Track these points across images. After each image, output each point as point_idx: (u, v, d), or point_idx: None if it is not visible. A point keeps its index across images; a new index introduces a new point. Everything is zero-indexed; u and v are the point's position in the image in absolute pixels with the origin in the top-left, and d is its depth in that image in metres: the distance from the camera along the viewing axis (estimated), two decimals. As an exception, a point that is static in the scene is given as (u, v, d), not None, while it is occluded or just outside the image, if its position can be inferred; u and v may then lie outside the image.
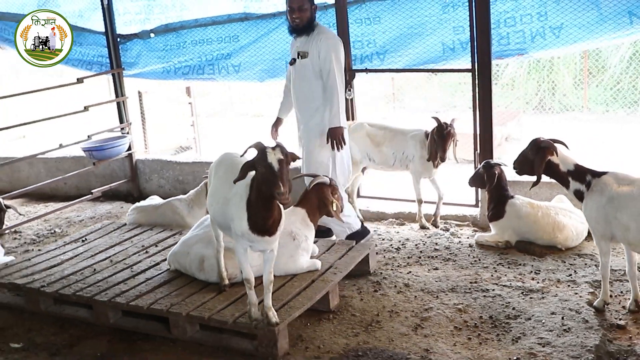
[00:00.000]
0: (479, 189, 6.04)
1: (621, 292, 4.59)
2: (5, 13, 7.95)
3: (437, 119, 5.87)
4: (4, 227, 6.22)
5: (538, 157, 4.42)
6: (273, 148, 3.68)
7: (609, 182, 4.24)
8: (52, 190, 8.01)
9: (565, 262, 5.16)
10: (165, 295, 4.44)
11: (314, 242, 5.04)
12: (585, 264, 5.10)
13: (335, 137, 5.38)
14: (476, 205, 6.12)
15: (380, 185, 7.25)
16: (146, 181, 7.56)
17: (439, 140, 5.82)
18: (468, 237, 5.81)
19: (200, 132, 9.43)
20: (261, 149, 3.70)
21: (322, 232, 5.54)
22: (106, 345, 4.29)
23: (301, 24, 5.38)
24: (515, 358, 3.83)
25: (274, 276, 4.48)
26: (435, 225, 6.17)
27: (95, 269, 5.01)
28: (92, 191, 7.16)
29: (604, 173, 4.30)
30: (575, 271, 4.97)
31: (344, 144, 5.45)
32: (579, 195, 4.38)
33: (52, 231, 6.68)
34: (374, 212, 6.55)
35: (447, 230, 6.02)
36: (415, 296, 4.71)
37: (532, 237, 5.47)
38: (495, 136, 9.89)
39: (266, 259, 4.03)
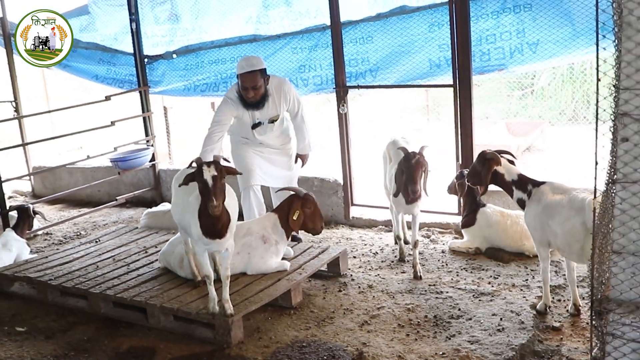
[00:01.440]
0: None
1: (569, 297, 4.85)
2: (51, 37, 8.80)
3: (403, 149, 5.32)
4: (35, 229, 7.00)
5: (484, 168, 4.76)
6: (209, 164, 4.13)
7: (546, 191, 4.54)
8: (88, 197, 8.83)
9: (527, 268, 5.45)
10: (148, 289, 5.01)
11: (292, 247, 5.58)
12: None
13: (305, 160, 6.22)
14: (458, 213, 6.43)
15: (375, 194, 7.63)
16: (168, 189, 8.22)
17: (407, 171, 5.23)
18: (444, 244, 6.15)
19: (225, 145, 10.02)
20: (199, 165, 4.16)
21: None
22: (93, 331, 4.90)
23: (256, 100, 5.61)
24: (441, 353, 4.18)
25: (245, 274, 5.07)
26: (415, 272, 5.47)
27: (97, 266, 5.65)
28: (117, 198, 7.90)
29: (543, 183, 4.62)
30: (533, 277, 5.25)
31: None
32: (522, 204, 4.70)
33: (79, 233, 7.42)
34: (366, 220, 6.96)
35: (429, 237, 6.37)
36: (374, 296, 5.12)
37: (501, 244, 5.77)
38: (518, 147, 10.17)
39: (222, 257, 4.56)
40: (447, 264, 5.67)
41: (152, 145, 8.18)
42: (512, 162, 4.83)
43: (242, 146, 6.06)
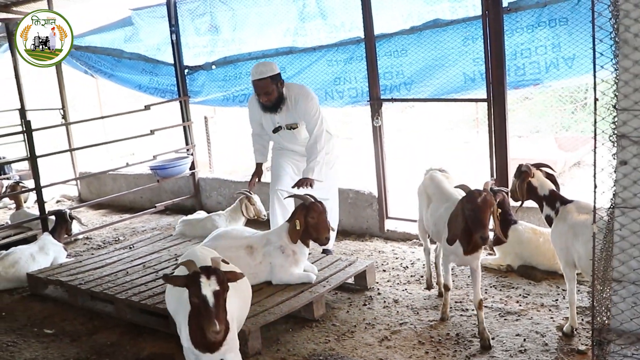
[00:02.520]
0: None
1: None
2: (97, 47, 9.05)
3: (464, 187, 4.46)
4: (75, 233, 7.18)
5: (519, 181, 4.72)
6: (208, 274, 3.22)
7: (571, 210, 4.43)
8: (131, 203, 9.04)
9: (559, 288, 5.30)
10: (173, 297, 5.09)
11: (319, 259, 5.57)
12: (578, 291, 5.20)
13: (304, 184, 5.69)
14: (492, 230, 6.30)
15: (410, 207, 7.55)
16: (207, 197, 8.35)
17: (473, 214, 4.27)
18: (475, 260, 6.04)
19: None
20: (194, 274, 3.23)
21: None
22: (117, 335, 4.99)
23: (270, 103, 5.76)
24: (458, 372, 4.12)
25: (270, 284, 5.07)
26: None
27: (127, 272, 5.76)
28: (156, 205, 8.04)
29: (571, 201, 4.50)
30: (564, 297, 5.10)
31: (310, 188, 5.70)
32: (549, 221, 4.61)
33: (117, 239, 7.59)
34: (401, 233, 6.90)
35: (461, 252, 6.26)
36: (398, 311, 5.06)
37: (533, 262, 5.63)
38: (566, 162, 9.92)
39: None
40: (475, 281, 5.56)
41: (191, 154, 8.31)
42: (551, 177, 4.75)
43: (277, 152, 6.20)
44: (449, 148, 12.41)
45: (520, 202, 4.84)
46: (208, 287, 3.17)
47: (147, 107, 7.84)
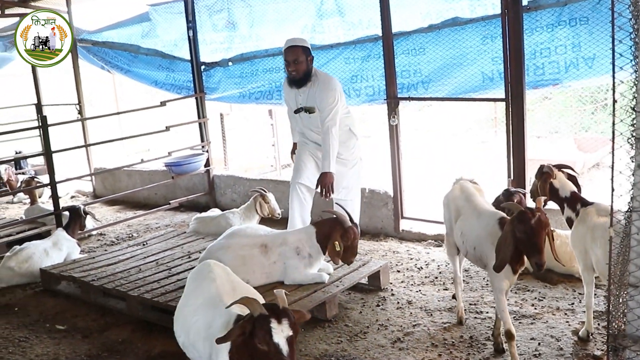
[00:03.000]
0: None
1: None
2: (115, 43, 9.06)
3: (512, 206, 3.95)
4: (88, 229, 7.18)
5: (541, 182, 4.66)
6: (279, 319, 2.74)
7: (591, 212, 4.36)
8: (145, 199, 9.04)
9: (575, 291, 5.22)
10: (185, 295, 5.06)
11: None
12: (596, 295, 5.10)
13: (325, 184, 5.61)
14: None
15: (426, 207, 7.48)
16: (221, 195, 8.32)
17: (526, 237, 3.75)
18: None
19: (281, 153, 10.07)
20: (262, 317, 2.74)
21: None
22: (129, 332, 4.96)
23: (297, 76, 5.70)
24: (472, 376, 4.06)
25: (282, 284, 5.03)
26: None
27: (140, 269, 5.74)
28: (170, 202, 8.03)
29: (591, 203, 4.43)
30: (580, 300, 5.02)
31: (332, 192, 5.66)
32: (570, 223, 4.55)
33: (131, 235, 7.58)
34: (416, 233, 6.83)
35: (476, 254, 6.18)
36: (411, 312, 5.00)
37: (549, 265, 5.51)
38: (584, 163, 9.80)
39: None
40: (491, 283, 5.49)
41: (206, 151, 8.28)
42: (573, 178, 4.70)
43: (301, 144, 6.14)
44: (467, 148, 12.31)
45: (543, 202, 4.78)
46: (281, 333, 2.71)
47: (163, 104, 7.82)
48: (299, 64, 5.67)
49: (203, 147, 8.33)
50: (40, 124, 6.75)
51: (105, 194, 9.30)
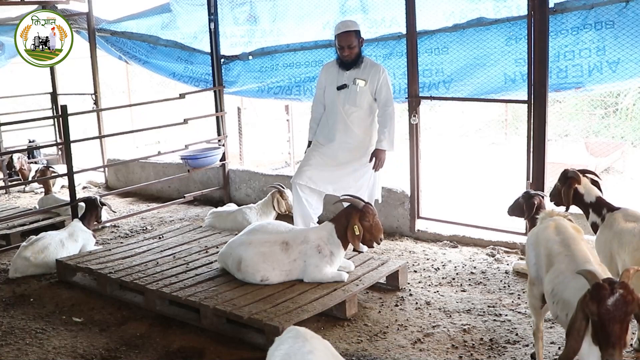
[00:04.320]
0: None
1: (635, 331, 4.59)
2: (134, 33, 9.03)
3: (588, 274, 2.90)
4: (103, 220, 7.16)
5: (565, 187, 4.65)
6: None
7: (618, 217, 4.35)
8: (158, 192, 9.01)
9: (595, 297, 5.17)
10: (204, 290, 5.01)
11: (351, 257, 5.49)
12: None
13: (379, 158, 5.92)
14: (526, 234, 6.19)
15: (443, 207, 7.47)
16: (236, 189, 8.29)
17: (599, 320, 2.76)
18: (508, 264, 5.93)
19: (296, 148, 10.04)
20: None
21: None
22: (147, 327, 4.94)
23: (350, 59, 5.92)
24: (494, 380, 4.03)
25: (302, 282, 5.00)
26: None
27: (157, 263, 5.71)
28: (185, 195, 8.00)
29: (618, 208, 4.41)
30: (599, 306, 4.99)
31: (382, 167, 6.02)
32: (595, 228, 4.54)
33: (145, 228, 7.56)
34: (431, 233, 6.79)
35: (493, 256, 6.16)
36: (430, 313, 4.98)
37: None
38: (596, 167, 9.76)
39: None
40: (509, 285, 5.46)
41: (223, 145, 8.25)
42: (596, 183, 4.71)
43: (313, 146, 6.21)
44: (477, 149, 12.30)
45: (565, 208, 4.75)
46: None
47: (181, 96, 7.77)
48: (352, 48, 5.88)
49: (219, 141, 8.29)
50: (60, 113, 6.70)
51: (118, 186, 9.29)
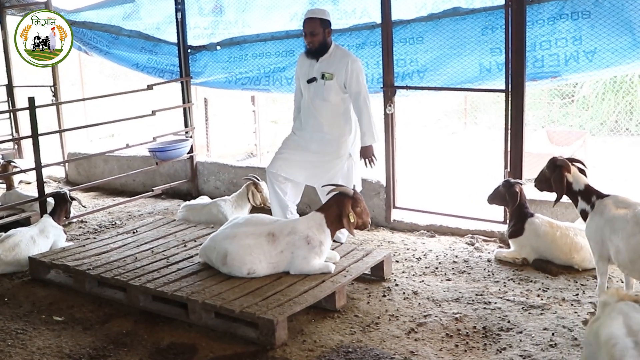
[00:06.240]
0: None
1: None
2: (95, 23, 8.75)
3: None
4: (71, 216, 6.92)
5: (556, 175, 4.70)
6: None
7: (609, 204, 4.44)
8: (122, 186, 8.79)
9: (577, 282, 5.27)
10: (189, 284, 4.89)
11: (333, 248, 5.45)
12: (596, 286, 5.19)
13: (367, 155, 5.91)
14: (504, 222, 6.26)
15: (415, 197, 7.50)
16: (204, 182, 8.15)
17: None
18: (489, 253, 5.99)
19: (262, 139, 9.95)
20: None
21: None
22: (132, 324, 4.79)
23: (314, 47, 5.86)
24: (493, 367, 4.05)
25: (288, 274, 4.93)
26: None
27: (136, 258, 5.55)
28: (153, 189, 7.82)
29: (607, 195, 4.50)
30: (583, 291, 5.08)
31: (376, 160, 5.94)
32: (584, 215, 4.62)
33: (113, 223, 7.36)
34: (407, 223, 6.82)
35: (473, 244, 6.22)
36: (419, 303, 4.98)
37: (549, 256, 5.59)
38: (561, 155, 9.96)
39: None
40: (493, 274, 5.51)
41: (191, 137, 8.09)
42: (582, 172, 4.79)
43: (290, 135, 6.21)
44: (438, 139, 12.43)
45: (556, 197, 4.82)
46: None
47: (149, 87, 7.59)
48: (315, 36, 5.82)
49: (187, 132, 8.13)
50: (28, 106, 6.44)
51: (79, 180, 9.01)
